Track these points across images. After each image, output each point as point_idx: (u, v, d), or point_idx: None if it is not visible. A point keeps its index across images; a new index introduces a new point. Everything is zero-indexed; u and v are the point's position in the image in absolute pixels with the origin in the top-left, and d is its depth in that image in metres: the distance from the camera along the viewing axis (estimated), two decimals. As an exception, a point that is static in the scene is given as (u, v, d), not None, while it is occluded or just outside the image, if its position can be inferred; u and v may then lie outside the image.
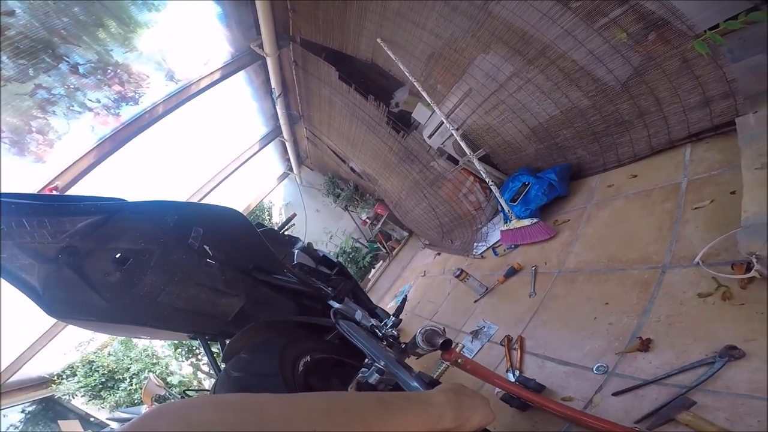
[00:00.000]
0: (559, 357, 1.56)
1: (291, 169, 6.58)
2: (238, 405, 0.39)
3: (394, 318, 1.96)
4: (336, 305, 1.71)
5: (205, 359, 5.81)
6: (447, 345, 1.22)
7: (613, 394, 1.20)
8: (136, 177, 3.30)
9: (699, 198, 1.53)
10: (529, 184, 2.66)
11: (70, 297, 1.18)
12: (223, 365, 1.36)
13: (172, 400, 4.23)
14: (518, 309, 2.04)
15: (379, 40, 2.76)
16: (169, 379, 5.36)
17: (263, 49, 2.86)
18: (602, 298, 1.60)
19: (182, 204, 1.48)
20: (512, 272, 2.38)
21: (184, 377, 5.84)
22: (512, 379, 1.63)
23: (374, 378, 1.15)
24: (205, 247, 1.31)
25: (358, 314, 1.71)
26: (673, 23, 1.65)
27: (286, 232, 2.66)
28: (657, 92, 1.90)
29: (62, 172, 2.62)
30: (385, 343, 1.55)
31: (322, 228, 6.50)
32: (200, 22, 2.55)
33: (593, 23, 1.86)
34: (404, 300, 2.25)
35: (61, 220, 1.05)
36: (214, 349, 1.64)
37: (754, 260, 1.05)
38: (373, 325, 1.73)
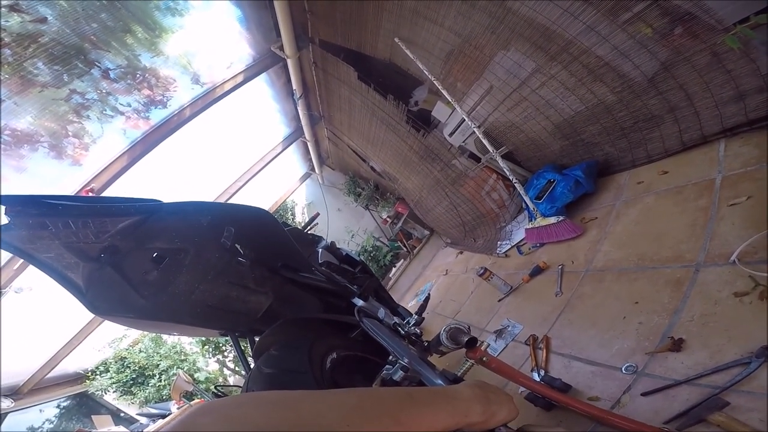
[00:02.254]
0: (586, 357, 1.53)
1: (313, 169, 6.70)
2: (276, 402, 0.42)
3: (416, 316, 1.97)
4: (360, 303, 1.74)
5: (232, 356, 6.00)
6: (472, 343, 1.23)
7: (642, 395, 1.18)
8: (166, 178, 3.44)
9: (735, 194, 1.46)
10: (554, 181, 2.60)
11: (110, 295, 1.24)
12: (252, 361, 1.43)
13: (205, 398, 4.42)
14: (544, 308, 2.01)
15: (396, 39, 2.76)
16: (196, 376, 5.56)
17: (283, 51, 2.92)
18: (632, 297, 1.56)
19: (215, 204, 1.54)
20: (538, 271, 2.34)
21: (210, 374, 6.03)
22: (537, 379, 1.62)
23: (399, 375, 1.16)
24: (236, 246, 1.36)
25: (381, 312, 1.73)
26: (700, 17, 1.60)
27: (309, 231, 2.72)
28: (687, 87, 1.83)
29: (97, 174, 2.77)
30: (407, 341, 1.58)
31: (344, 227, 6.57)
32: (222, 26, 2.63)
33: (616, 18, 1.81)
34: (427, 298, 2.25)
35: (103, 221, 1.11)
36: (244, 346, 1.70)
37: (796, 258, 1.00)
38: (395, 323, 1.76)
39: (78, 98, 2.36)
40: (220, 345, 5.85)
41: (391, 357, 1.28)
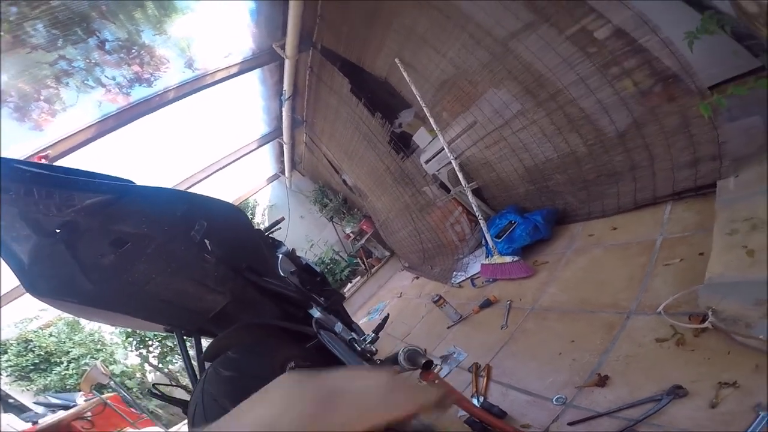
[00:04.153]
0: (523, 387, 1.62)
1: (283, 172, 6.61)
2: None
3: (373, 334, 2.00)
4: (317, 314, 1.73)
5: (157, 352, 5.62)
6: (428, 365, 1.28)
7: (569, 424, 1.27)
8: (132, 156, 3.27)
9: (671, 255, 1.65)
10: (515, 222, 2.77)
11: (55, 275, 1.14)
12: (195, 360, 1.36)
13: (120, 393, 4.02)
14: (489, 339, 2.11)
15: (397, 60, 2.85)
16: (111, 368, 5.10)
17: (284, 51, 2.94)
18: (569, 335, 1.68)
19: (192, 195, 1.49)
20: (488, 304, 2.45)
21: (128, 368, 5.59)
22: (477, 404, 1.67)
23: None
24: (205, 241, 1.30)
25: (338, 326, 1.73)
26: (683, 80, 1.70)
27: (270, 235, 2.66)
28: (652, 147, 1.99)
29: (57, 142, 2.57)
30: (361, 358, 1.59)
31: (305, 235, 6.47)
32: (232, 15, 2.62)
33: (607, 72, 1.92)
34: (386, 318, 2.28)
35: (71, 194, 1.04)
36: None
37: (710, 314, 1.15)
38: (352, 338, 1.77)
39: (64, 64, 2.24)
40: (146, 339, 5.44)
41: None
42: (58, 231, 1.07)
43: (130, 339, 5.41)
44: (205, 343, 1.42)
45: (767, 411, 0.88)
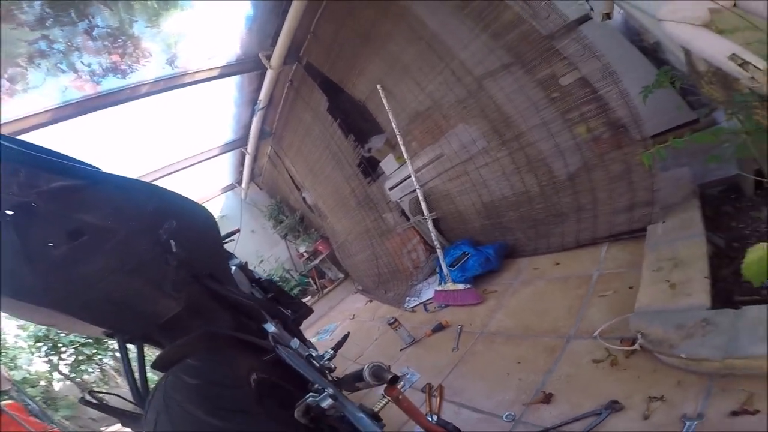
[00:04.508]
0: (474, 405, 1.70)
1: (240, 183, 6.41)
2: None
3: (332, 351, 2.00)
4: (272, 329, 1.70)
5: (71, 360, 5.02)
6: (394, 380, 1.33)
7: (518, 438, 1.35)
8: (86, 146, 3.03)
9: (605, 288, 1.87)
10: (468, 254, 2.95)
11: None
12: (137, 367, 1.28)
13: (25, 403, 3.46)
14: (441, 361, 2.19)
15: (379, 86, 2.97)
16: (11, 374, 4.41)
17: (269, 61, 2.98)
18: (515, 357, 1.82)
19: (166, 191, 1.42)
20: (440, 328, 2.55)
21: (31, 375, 4.92)
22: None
23: (327, 402, 1.18)
24: (171, 241, 1.25)
25: (295, 342, 1.73)
26: (631, 129, 1.88)
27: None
28: (596, 191, 2.19)
29: (5, 123, 2.34)
30: (320, 374, 1.58)
31: (255, 250, 6.23)
32: (228, 18, 2.62)
33: (567, 116, 2.09)
34: (346, 336, 2.28)
35: (37, 174, 0.98)
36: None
37: (640, 336, 1.32)
38: (310, 354, 1.75)
39: (44, 45, 2.11)
40: (60, 345, 4.80)
41: (317, 386, 1.29)
42: (12, 213, 0.97)
43: (40, 344, 4.76)
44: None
45: (693, 421, 1.02)
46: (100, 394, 1.47)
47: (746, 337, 1.05)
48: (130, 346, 1.43)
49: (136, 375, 1.30)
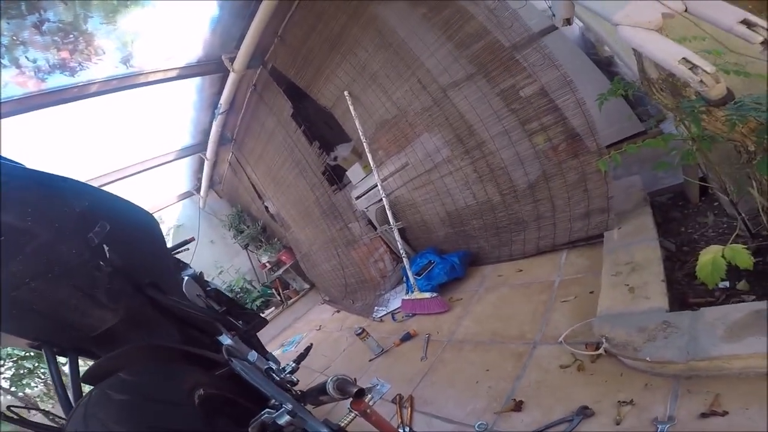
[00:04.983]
0: (445, 415, 1.67)
1: (198, 190, 6.09)
2: None
3: (294, 364, 1.91)
4: (227, 341, 1.61)
5: (9, 373, 4.49)
6: (360, 394, 1.26)
7: (492, 448, 1.33)
8: (26, 148, 2.73)
9: (566, 294, 1.93)
10: (434, 262, 2.97)
11: None
12: (68, 381, 1.17)
13: None
14: (410, 370, 2.16)
15: (346, 93, 2.94)
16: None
17: (232, 64, 2.86)
18: (484, 365, 1.82)
19: (98, 191, 1.31)
20: (408, 337, 2.53)
21: None
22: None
23: (285, 420, 1.12)
24: (104, 246, 1.15)
25: (253, 355, 1.64)
26: (586, 138, 1.94)
27: (176, 255, 2.41)
28: (555, 199, 2.27)
29: None
30: (279, 389, 1.50)
31: (214, 261, 5.93)
32: (192, 18, 2.48)
33: (527, 126, 2.15)
34: (309, 348, 2.19)
35: None
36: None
37: (604, 341, 1.36)
38: (269, 368, 1.66)
39: None
40: (-3, 357, 4.26)
41: (273, 401, 1.21)
42: None
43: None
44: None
45: (665, 424, 1.04)
46: (19, 409, 1.30)
47: (706, 339, 1.09)
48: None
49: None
